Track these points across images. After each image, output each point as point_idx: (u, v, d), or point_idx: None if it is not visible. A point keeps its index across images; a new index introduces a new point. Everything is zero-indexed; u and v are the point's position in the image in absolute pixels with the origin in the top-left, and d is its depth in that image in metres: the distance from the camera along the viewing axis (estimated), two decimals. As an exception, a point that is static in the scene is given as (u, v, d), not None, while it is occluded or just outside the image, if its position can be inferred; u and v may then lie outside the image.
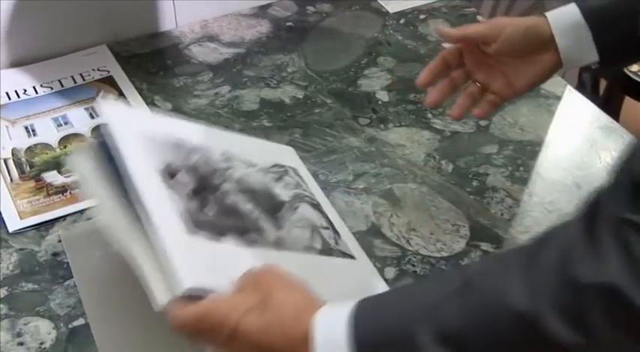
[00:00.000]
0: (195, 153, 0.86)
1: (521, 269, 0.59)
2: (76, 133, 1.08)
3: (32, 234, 0.94)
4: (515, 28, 0.86)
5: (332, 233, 0.91)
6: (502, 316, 0.58)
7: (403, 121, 1.12)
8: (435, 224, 0.97)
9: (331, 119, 1.12)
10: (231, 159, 0.90)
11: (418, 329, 0.60)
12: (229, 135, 0.98)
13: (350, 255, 0.89)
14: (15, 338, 0.83)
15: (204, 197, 0.82)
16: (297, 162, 1.01)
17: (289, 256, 0.83)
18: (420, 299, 0.63)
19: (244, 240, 0.80)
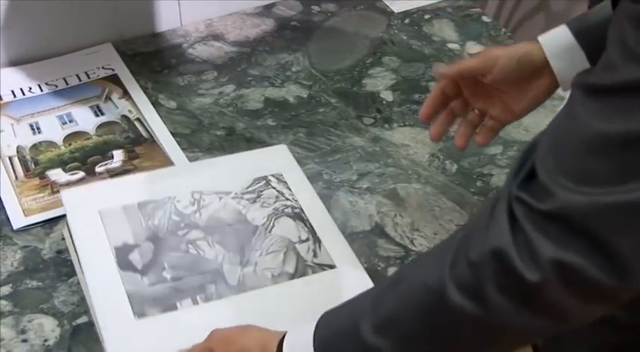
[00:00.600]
0: (158, 210, 0.91)
1: (437, 250, 0.67)
2: (81, 131, 1.08)
3: (36, 231, 0.95)
4: (509, 59, 0.86)
5: (312, 244, 0.91)
6: (419, 295, 0.64)
7: (407, 121, 1.13)
8: (438, 224, 0.97)
9: (335, 118, 1.13)
10: (202, 197, 0.93)
11: (361, 324, 0.66)
12: (206, 164, 1.00)
13: (330, 264, 0.89)
14: (19, 335, 0.84)
15: (162, 264, 0.87)
16: (287, 163, 1.00)
17: (252, 296, 0.85)
18: (365, 296, 0.70)
19: (202, 296, 0.84)
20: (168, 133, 1.08)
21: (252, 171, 0.97)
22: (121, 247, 0.87)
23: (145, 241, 0.88)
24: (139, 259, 0.86)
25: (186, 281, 0.85)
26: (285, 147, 1.03)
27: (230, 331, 0.77)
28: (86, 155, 1.05)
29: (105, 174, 1.02)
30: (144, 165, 1.04)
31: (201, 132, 1.09)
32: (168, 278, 0.85)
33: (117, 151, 1.06)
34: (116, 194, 0.92)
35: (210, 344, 0.76)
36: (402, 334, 0.64)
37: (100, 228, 0.88)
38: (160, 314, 0.82)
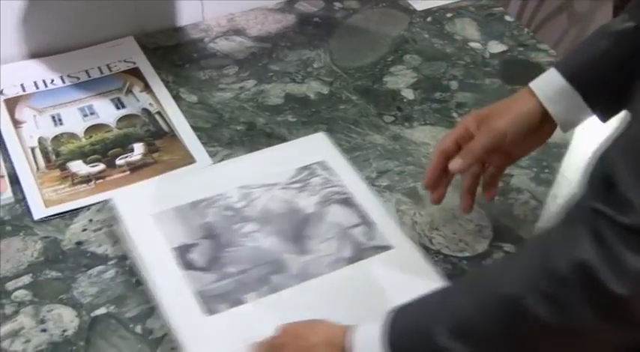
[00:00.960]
0: (210, 208, 0.92)
1: (514, 258, 0.67)
2: (102, 124, 1.09)
3: (57, 222, 0.96)
4: (516, 130, 0.86)
5: (365, 228, 0.92)
6: (497, 303, 0.64)
7: (428, 120, 1.13)
8: (458, 224, 0.97)
9: (356, 116, 1.13)
10: (250, 191, 0.95)
11: (434, 326, 0.66)
12: (248, 159, 1.01)
13: (386, 246, 0.90)
14: (39, 324, 0.85)
15: (223, 260, 0.88)
16: (328, 150, 1.02)
17: (315, 284, 0.86)
18: (437, 299, 0.70)
19: (267, 288, 0.85)
20: (189, 127, 1.09)
21: (295, 162, 0.99)
22: (179, 247, 0.88)
23: (202, 239, 0.89)
24: (199, 257, 0.87)
25: (249, 275, 0.86)
26: (324, 135, 1.04)
27: (299, 326, 0.77)
28: (107, 147, 1.06)
29: (125, 166, 1.03)
30: (164, 159, 1.04)
31: (222, 126, 1.10)
32: (232, 272, 0.86)
33: (137, 144, 1.06)
34: (166, 195, 0.93)
35: (281, 339, 0.77)
36: (478, 340, 0.64)
37: (155, 230, 0.90)
38: (229, 309, 0.83)
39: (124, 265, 0.91)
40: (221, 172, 0.98)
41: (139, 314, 0.86)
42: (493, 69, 1.23)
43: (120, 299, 0.88)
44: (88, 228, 0.95)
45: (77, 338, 0.84)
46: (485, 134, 0.87)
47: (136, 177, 1.02)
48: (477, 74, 1.21)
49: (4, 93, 1.13)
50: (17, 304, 0.87)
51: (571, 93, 0.85)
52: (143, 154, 1.05)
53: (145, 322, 0.86)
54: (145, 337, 0.84)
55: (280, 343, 0.77)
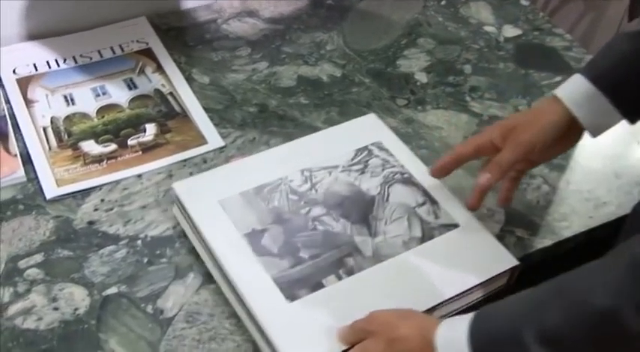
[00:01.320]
0: (274, 192, 0.92)
1: (605, 269, 0.65)
2: (114, 104, 1.09)
3: (69, 201, 0.97)
4: (544, 140, 0.86)
5: (430, 206, 0.92)
6: (589, 314, 0.63)
7: (441, 103, 1.13)
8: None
9: (369, 98, 1.13)
10: (313, 174, 0.95)
11: (523, 331, 0.66)
12: (304, 142, 1.01)
13: (453, 224, 0.91)
14: (50, 302, 0.86)
15: (295, 244, 0.88)
16: (382, 131, 1.02)
17: (391, 264, 0.87)
18: (524, 303, 0.69)
19: (344, 270, 0.85)
20: (201, 108, 1.09)
21: (351, 143, 0.99)
22: (251, 234, 0.88)
23: (272, 224, 0.89)
24: (272, 243, 0.87)
25: (324, 258, 0.87)
26: (375, 115, 1.05)
27: (390, 315, 0.78)
28: (119, 127, 1.06)
29: (137, 146, 1.03)
30: (176, 140, 1.05)
31: (234, 108, 1.10)
32: (306, 257, 0.86)
33: (149, 125, 1.07)
34: (228, 182, 0.93)
35: (372, 327, 0.77)
36: (567, 348, 0.65)
37: (224, 217, 0.89)
38: (310, 294, 0.83)
39: (135, 245, 0.92)
40: (279, 156, 0.98)
41: (150, 294, 0.87)
42: (507, 53, 1.22)
43: (131, 279, 0.88)
44: (100, 207, 0.96)
45: (89, 316, 0.85)
46: (514, 148, 0.86)
47: (147, 157, 1.02)
48: (491, 58, 1.21)
49: (17, 73, 1.13)
50: (29, 282, 0.87)
51: (598, 96, 0.85)
52: (155, 135, 1.05)
53: (155, 302, 0.86)
54: (156, 317, 0.85)
55: (370, 330, 0.77)
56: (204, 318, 0.85)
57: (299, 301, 0.82)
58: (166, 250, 0.91)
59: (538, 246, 0.94)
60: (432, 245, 0.89)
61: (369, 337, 0.76)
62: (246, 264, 0.85)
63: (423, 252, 0.88)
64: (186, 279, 0.89)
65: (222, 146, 1.04)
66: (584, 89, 0.85)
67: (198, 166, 1.01)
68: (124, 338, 0.83)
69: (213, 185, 0.93)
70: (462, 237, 0.90)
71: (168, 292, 0.87)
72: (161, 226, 0.94)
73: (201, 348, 0.82)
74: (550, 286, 0.69)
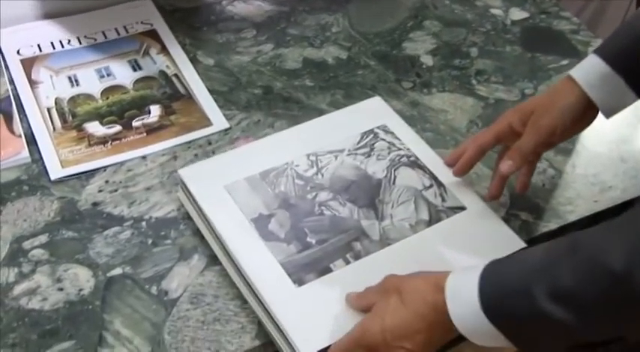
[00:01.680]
0: (281, 177, 0.92)
1: (621, 229, 0.65)
2: (119, 85, 1.09)
3: (73, 182, 0.97)
4: (564, 122, 0.86)
5: (437, 188, 0.92)
6: (602, 275, 0.63)
7: (447, 87, 1.12)
8: (475, 190, 0.97)
9: (374, 81, 1.13)
10: (319, 159, 0.95)
11: (534, 286, 0.66)
12: (309, 126, 1.00)
13: (460, 206, 0.91)
14: (55, 283, 0.86)
15: (303, 230, 0.88)
16: (387, 114, 1.02)
17: (398, 248, 0.87)
18: (537, 258, 0.69)
19: (350, 256, 0.86)
20: (206, 90, 1.09)
21: (356, 127, 0.99)
22: (257, 219, 0.88)
23: (278, 209, 0.89)
24: (279, 228, 0.87)
25: (332, 243, 0.87)
26: (380, 99, 1.04)
27: (401, 276, 0.78)
28: (123, 109, 1.06)
29: (141, 128, 1.03)
30: (180, 121, 1.05)
31: (239, 90, 1.10)
32: (314, 242, 0.87)
33: (154, 106, 1.07)
34: (233, 167, 0.93)
35: (384, 287, 0.78)
36: (579, 306, 0.64)
37: (230, 202, 0.89)
38: (318, 279, 0.83)
39: (139, 227, 0.92)
40: (284, 140, 0.98)
41: (154, 276, 0.87)
42: (514, 36, 1.21)
43: (136, 260, 0.89)
44: (104, 189, 0.96)
45: (93, 297, 0.85)
46: (535, 132, 0.86)
47: (152, 139, 1.02)
48: (498, 41, 1.20)
49: (21, 54, 1.13)
50: (34, 263, 0.88)
51: (612, 77, 0.84)
52: (160, 116, 1.05)
53: (160, 283, 0.86)
54: (161, 297, 0.85)
55: (383, 290, 0.78)
56: (209, 300, 0.85)
57: (307, 285, 0.82)
58: (171, 232, 0.92)
59: (543, 230, 0.94)
60: (439, 228, 0.89)
61: (387, 293, 0.77)
62: (254, 250, 0.85)
63: (430, 234, 0.88)
64: (191, 261, 0.89)
65: (226, 128, 1.04)
66: (600, 71, 0.85)
67: (202, 148, 1.01)
68: (128, 319, 0.83)
69: (218, 170, 0.93)
70: (469, 219, 0.90)
71: (173, 273, 0.87)
72: (165, 208, 0.94)
73: (206, 329, 0.83)
74: (563, 243, 0.69)
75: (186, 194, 0.92)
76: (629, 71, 0.84)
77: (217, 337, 0.82)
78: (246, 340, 0.82)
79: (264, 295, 0.81)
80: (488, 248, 0.86)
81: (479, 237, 0.88)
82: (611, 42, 0.87)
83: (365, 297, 0.79)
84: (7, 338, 0.81)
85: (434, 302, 0.72)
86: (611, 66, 0.84)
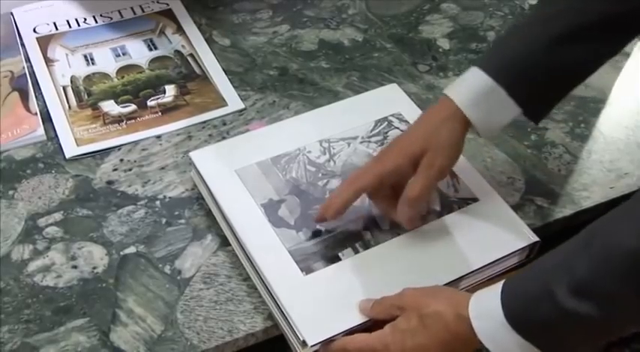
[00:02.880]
0: (292, 163, 0.92)
1: (631, 211, 0.65)
2: (134, 64, 1.09)
3: (88, 161, 0.97)
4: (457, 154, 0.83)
5: (449, 179, 0.91)
6: (619, 258, 0.62)
7: (463, 70, 1.10)
8: (490, 175, 0.97)
9: (390, 64, 1.12)
10: (331, 145, 0.94)
11: (554, 287, 0.65)
12: (323, 112, 1.00)
13: (472, 197, 0.90)
14: (69, 261, 0.87)
15: (313, 217, 0.87)
16: (403, 101, 1.01)
17: (408, 238, 0.86)
18: (553, 260, 0.69)
19: (361, 243, 0.85)
20: (221, 70, 1.09)
21: (371, 114, 0.98)
22: (267, 204, 0.88)
23: (289, 195, 0.89)
24: (289, 214, 0.87)
25: (341, 231, 0.86)
26: (396, 86, 1.04)
27: (421, 293, 0.77)
28: (138, 88, 1.06)
29: (156, 107, 1.03)
30: (195, 101, 1.05)
31: (254, 71, 1.10)
32: (323, 230, 0.86)
33: (169, 86, 1.07)
34: (245, 151, 0.93)
35: (403, 302, 0.76)
36: (602, 296, 0.64)
37: (240, 187, 0.89)
38: (326, 267, 0.83)
39: (153, 206, 0.92)
40: (297, 126, 0.97)
41: (168, 255, 0.88)
42: (532, 20, 1.20)
43: (149, 239, 0.89)
44: (119, 168, 0.96)
45: (107, 275, 0.86)
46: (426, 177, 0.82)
47: (167, 118, 1.02)
48: (515, 25, 1.19)
49: (37, 32, 1.13)
50: (49, 240, 0.88)
51: (495, 90, 0.81)
52: (175, 96, 1.05)
53: (173, 262, 0.87)
54: (174, 277, 0.86)
55: (401, 306, 0.76)
56: (222, 280, 0.86)
57: (315, 274, 0.82)
58: (184, 211, 0.92)
59: (558, 216, 0.94)
60: (450, 219, 0.88)
61: (399, 313, 0.76)
62: (262, 235, 0.85)
63: (441, 225, 0.87)
64: (204, 241, 0.89)
65: (241, 109, 1.04)
66: (480, 84, 0.81)
67: (217, 128, 1.02)
68: (141, 298, 0.84)
69: (230, 154, 0.93)
70: (482, 211, 0.89)
71: (186, 253, 0.88)
72: (179, 187, 0.94)
73: (219, 309, 0.83)
74: (578, 238, 0.68)
75: (198, 176, 0.92)
76: (514, 83, 0.80)
77: (230, 317, 0.82)
78: (259, 320, 0.82)
79: (271, 282, 0.81)
80: (499, 240, 0.85)
81: (490, 229, 0.87)
82: (493, 53, 0.85)
83: (381, 308, 0.78)
84: (21, 314, 0.82)
85: (456, 331, 0.72)
86: (495, 79, 0.80)
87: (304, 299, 0.80)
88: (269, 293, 0.82)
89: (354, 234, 0.86)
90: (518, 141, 1.02)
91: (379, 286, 0.80)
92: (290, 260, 0.83)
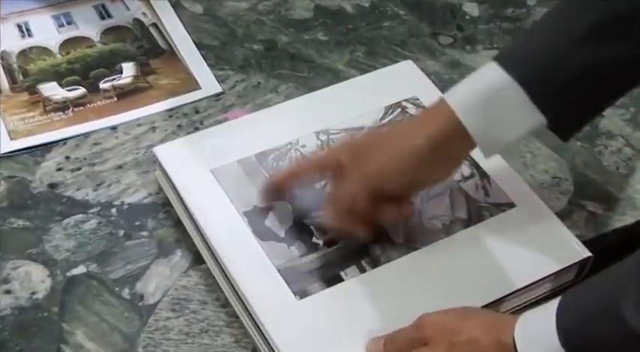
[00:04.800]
0: (282, 160, 0.92)
1: None
2: (82, 37, 1.10)
3: (24, 159, 0.98)
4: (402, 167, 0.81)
5: (479, 180, 0.92)
6: None
7: (496, 43, 1.13)
8: (529, 175, 0.98)
9: (404, 35, 1.13)
10: (331, 138, 0.95)
11: (620, 303, 0.66)
12: (321, 96, 1.01)
13: (507, 202, 0.90)
14: (1, 284, 0.87)
15: (308, 227, 0.88)
16: (420, 83, 1.02)
17: (427, 254, 0.86)
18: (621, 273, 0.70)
19: (367, 262, 0.86)
20: (193, 44, 1.10)
21: (380, 99, 0.99)
22: (251, 212, 0.88)
23: (276, 210, 0.89)
24: (279, 224, 0.88)
25: (344, 245, 0.87)
26: (412, 63, 1.05)
27: (447, 316, 0.77)
28: (88, 67, 1.07)
29: (111, 91, 1.04)
30: (160, 83, 1.06)
31: (234, 44, 1.11)
32: (321, 243, 0.87)
33: (127, 64, 1.08)
34: (223, 146, 0.93)
35: (424, 333, 0.76)
36: None
37: (218, 191, 0.89)
38: (325, 290, 0.83)
39: (108, 215, 0.93)
40: (288, 114, 0.98)
41: (127, 276, 0.88)
42: (582, -20, 1.22)
43: (103, 256, 0.89)
44: (64, 167, 0.97)
45: (49, 302, 0.86)
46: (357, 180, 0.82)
47: (125, 105, 1.03)
48: (562, -14, 1.21)
49: (-41, -4, 1.14)
50: (-24, 258, 0.89)
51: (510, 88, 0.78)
52: (134, 77, 1.06)
53: (134, 285, 0.87)
54: (135, 303, 0.86)
55: (423, 338, 0.76)
56: (195, 306, 0.86)
57: (311, 298, 0.83)
58: (148, 221, 0.93)
59: (615, 225, 0.94)
60: (480, 229, 0.88)
61: (423, 347, 0.76)
62: (245, 251, 0.85)
63: (469, 238, 0.88)
64: (172, 258, 0.90)
65: (218, 92, 1.05)
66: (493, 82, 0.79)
67: (188, 117, 1.02)
68: (93, 330, 0.84)
69: (204, 149, 0.93)
70: (520, 219, 0.89)
71: (150, 273, 0.88)
72: (141, 191, 0.95)
73: (191, 343, 0.83)
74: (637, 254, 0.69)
75: (165, 177, 0.93)
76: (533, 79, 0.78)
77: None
78: (241, 357, 0.83)
79: (256, 309, 0.81)
80: (541, 257, 0.86)
81: (530, 242, 0.87)
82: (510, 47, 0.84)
83: (397, 346, 0.78)
84: (-58, 351, 0.82)
85: None
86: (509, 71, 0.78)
87: (298, 331, 0.80)
88: (254, 323, 0.82)
89: (360, 249, 0.87)
90: (565, 132, 1.03)
91: (392, 314, 0.80)
92: (280, 281, 0.84)
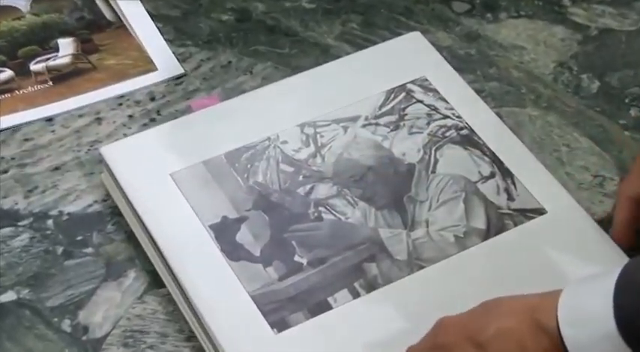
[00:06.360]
0: (258, 160, 0.93)
1: None
2: (8, 6, 1.10)
3: (-61, 158, 0.98)
4: None
5: (501, 180, 0.92)
6: None
7: (523, 9, 1.13)
8: (565, 172, 0.98)
9: (409, 2, 1.13)
10: (318, 131, 0.95)
11: None
12: (307, 79, 1.01)
13: (537, 209, 0.90)
14: None
15: (289, 243, 0.88)
16: (429, 59, 1.02)
17: (436, 274, 0.86)
18: None
19: (361, 284, 0.86)
20: (147, 15, 1.10)
21: (380, 81, 0.99)
22: (219, 225, 0.88)
23: (252, 210, 0.90)
24: (253, 240, 0.88)
25: (333, 265, 0.87)
26: (420, 35, 1.05)
27: (470, 314, 0.77)
28: (16, 44, 1.07)
29: (45, 74, 1.04)
30: (106, 63, 1.06)
31: (198, 15, 1.11)
32: (305, 263, 0.87)
33: (64, 40, 1.08)
34: (186, 143, 0.94)
35: (446, 338, 0.77)
36: None
37: (178, 198, 0.90)
38: (310, 320, 0.83)
39: (43, 227, 0.93)
40: (266, 101, 0.98)
41: (67, 303, 0.88)
42: None
43: (37, 279, 0.89)
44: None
45: (-29, 336, 0.86)
46: None
47: (63, 90, 1.03)
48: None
49: None
50: None
51: None
52: (74, 56, 1.06)
53: (76, 315, 0.87)
54: (77, 337, 0.86)
55: (446, 344, 0.76)
56: (152, 340, 0.86)
57: (291, 331, 0.83)
58: (92, 235, 0.93)
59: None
60: (502, 242, 0.89)
61: None
62: (211, 273, 0.86)
63: (488, 252, 0.88)
64: (124, 280, 0.90)
65: (179, 74, 1.05)
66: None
67: (142, 106, 1.02)
68: (26, 371, 0.84)
69: (161, 148, 0.93)
70: (551, 229, 0.89)
71: (96, 300, 0.88)
72: (85, 198, 0.95)
73: (148, 386, 0.84)
74: None
75: (114, 181, 0.92)
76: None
77: (166, 398, 0.83)
78: (211, 403, 0.83)
79: (225, 346, 0.81)
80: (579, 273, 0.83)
81: (565, 256, 0.87)
82: None
83: None
84: None
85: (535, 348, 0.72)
86: None
87: None
88: None
89: (353, 268, 0.87)
90: (609, 119, 1.03)
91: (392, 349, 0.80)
92: (254, 310, 0.83)
